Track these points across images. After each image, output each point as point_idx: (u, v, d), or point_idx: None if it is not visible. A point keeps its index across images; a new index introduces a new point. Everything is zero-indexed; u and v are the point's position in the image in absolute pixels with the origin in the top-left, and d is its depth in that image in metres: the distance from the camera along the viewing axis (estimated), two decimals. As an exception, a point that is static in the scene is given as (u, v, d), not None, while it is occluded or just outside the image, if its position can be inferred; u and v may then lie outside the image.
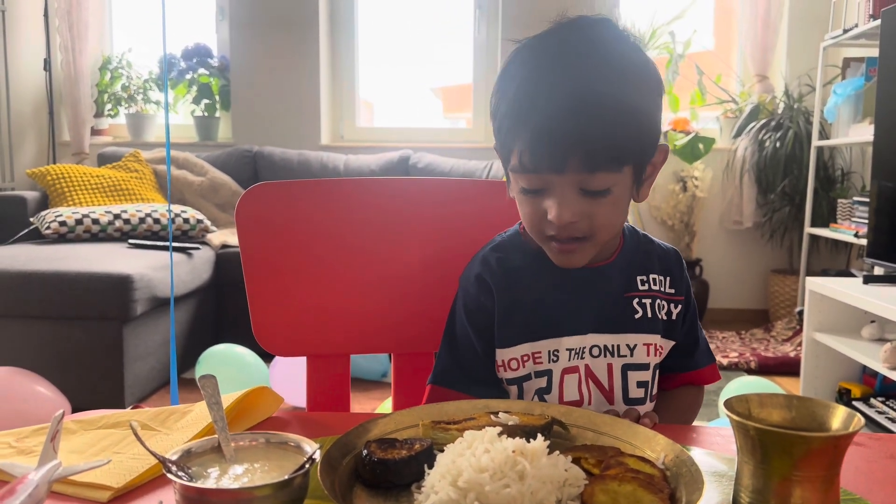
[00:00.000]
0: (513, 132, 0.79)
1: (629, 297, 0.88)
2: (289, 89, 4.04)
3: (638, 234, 0.94)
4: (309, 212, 0.99)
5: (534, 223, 0.83)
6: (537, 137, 0.76)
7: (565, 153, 0.76)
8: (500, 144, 0.83)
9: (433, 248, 1.01)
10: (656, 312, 0.89)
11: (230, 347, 2.57)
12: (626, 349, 0.87)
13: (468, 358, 0.89)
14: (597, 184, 0.77)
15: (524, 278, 0.88)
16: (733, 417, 0.53)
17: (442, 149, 3.93)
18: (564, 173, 0.77)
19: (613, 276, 0.88)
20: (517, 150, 0.79)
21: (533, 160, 0.77)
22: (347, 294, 1.00)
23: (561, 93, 0.75)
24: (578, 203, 0.78)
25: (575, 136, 0.75)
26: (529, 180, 0.80)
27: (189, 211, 3.23)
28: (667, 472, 0.61)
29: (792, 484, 0.51)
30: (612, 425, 0.70)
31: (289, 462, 0.58)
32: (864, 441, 0.74)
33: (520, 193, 0.82)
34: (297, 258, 0.99)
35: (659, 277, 0.90)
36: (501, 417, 0.70)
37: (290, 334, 1.00)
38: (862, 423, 0.52)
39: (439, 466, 0.58)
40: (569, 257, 0.83)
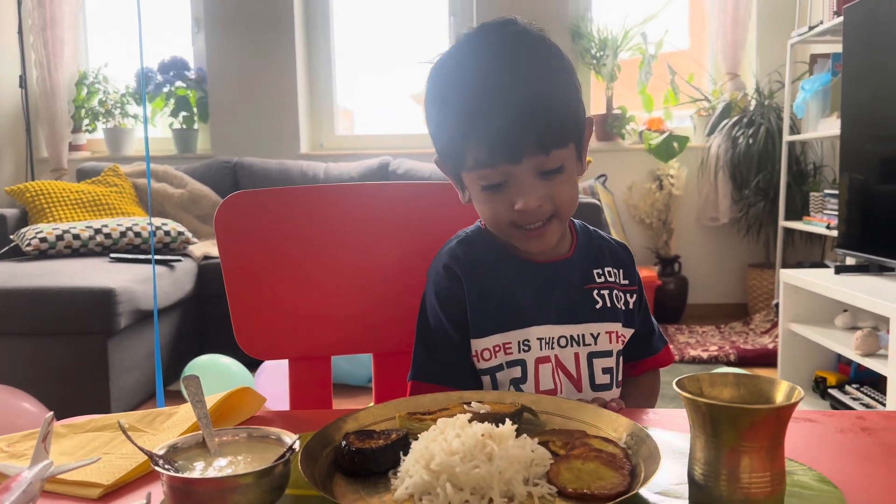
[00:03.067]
0: (466, 134, 0.84)
1: (589, 288, 0.94)
2: (267, 99, 4.06)
3: (589, 230, 1.00)
4: (286, 218, 1.02)
5: (498, 217, 0.87)
6: (494, 133, 0.82)
7: (521, 142, 0.82)
8: (450, 150, 0.88)
9: (409, 250, 1.05)
10: (615, 302, 0.94)
11: (215, 357, 2.58)
12: (590, 338, 0.92)
13: (443, 350, 0.92)
14: (552, 163, 0.84)
15: (491, 271, 0.92)
16: (685, 395, 0.57)
17: (421, 154, 3.97)
18: (521, 162, 0.83)
19: (572, 270, 0.94)
20: (472, 151, 0.84)
21: (491, 155, 0.83)
22: (327, 297, 1.03)
23: (506, 89, 0.82)
24: (539, 187, 0.84)
25: (528, 125, 0.81)
26: (488, 176, 0.85)
27: (170, 223, 3.24)
28: (628, 450, 0.65)
29: (740, 454, 0.55)
30: (578, 410, 0.74)
31: (271, 454, 0.61)
32: (818, 418, 0.78)
33: (480, 192, 0.87)
34: (277, 264, 1.02)
35: (613, 270, 0.96)
36: (474, 406, 0.73)
37: (271, 338, 1.03)
38: (801, 395, 0.56)
39: (413, 452, 0.61)
40: (539, 240, 0.88)
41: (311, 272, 1.02)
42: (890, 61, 2.35)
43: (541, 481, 0.60)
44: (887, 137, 2.37)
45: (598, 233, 1.00)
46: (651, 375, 1.03)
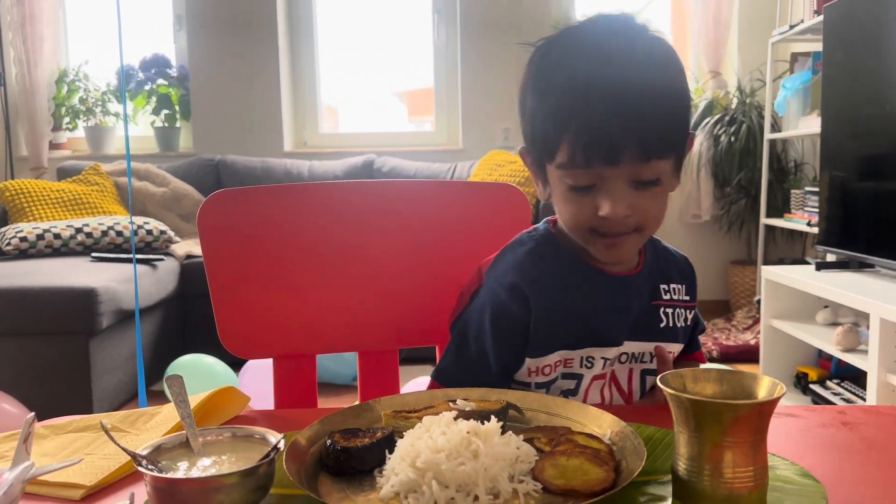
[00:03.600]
0: (563, 128, 0.78)
1: (656, 305, 0.90)
2: (250, 97, 4.04)
3: (654, 241, 0.94)
4: (270, 217, 1.01)
5: (581, 221, 0.82)
6: (593, 131, 0.76)
7: (621, 145, 0.76)
8: (541, 142, 0.81)
9: (396, 248, 1.05)
10: (676, 321, 0.91)
11: (198, 357, 2.57)
12: (648, 356, 0.89)
13: (473, 363, 0.87)
14: (649, 173, 0.78)
15: (560, 284, 0.86)
16: (669, 391, 0.57)
17: (406, 152, 3.96)
18: (618, 166, 0.77)
19: (642, 285, 0.89)
20: (567, 147, 0.78)
21: (587, 155, 0.77)
22: (312, 296, 1.02)
23: (615, 82, 0.76)
24: (630, 196, 0.79)
25: (631, 127, 0.76)
26: (579, 177, 0.79)
27: (152, 222, 3.22)
28: (613, 446, 0.65)
29: (723, 449, 0.56)
30: (563, 407, 0.74)
31: (255, 453, 0.61)
32: (800, 413, 0.79)
33: (566, 192, 0.81)
34: (261, 262, 1.01)
35: (678, 286, 0.92)
36: (459, 404, 0.73)
37: (255, 337, 1.02)
38: (783, 390, 0.56)
39: (399, 450, 0.61)
40: (616, 251, 0.83)
41: (295, 270, 1.02)
42: (869, 60, 2.38)
43: (526, 478, 0.60)
44: (866, 135, 2.40)
45: (663, 244, 0.96)
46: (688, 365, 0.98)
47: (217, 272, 1.00)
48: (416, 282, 1.05)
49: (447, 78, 4.20)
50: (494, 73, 4.01)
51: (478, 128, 4.09)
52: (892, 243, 2.21)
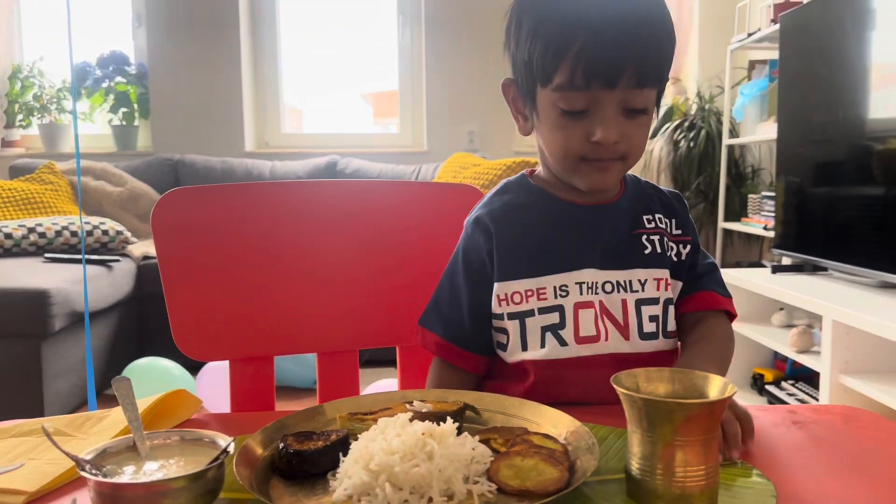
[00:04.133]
0: (565, 47, 0.78)
1: (637, 233, 0.89)
2: (210, 96, 3.98)
3: (640, 180, 0.95)
4: (227, 216, 1.00)
5: (570, 147, 0.82)
6: (597, 51, 0.77)
7: (621, 66, 0.78)
8: (538, 65, 0.81)
9: (356, 248, 1.04)
10: (665, 249, 0.89)
11: (154, 360, 2.52)
12: (637, 284, 0.87)
13: (446, 301, 0.91)
14: (640, 101, 0.80)
15: (529, 216, 0.89)
16: (622, 391, 0.58)
17: (370, 154, 3.95)
18: (615, 88, 0.79)
19: (619, 215, 0.90)
20: (567, 67, 0.79)
21: (587, 75, 0.78)
22: (269, 296, 1.01)
23: (615, 8, 0.78)
24: (621, 123, 0.80)
25: (632, 50, 0.78)
26: (575, 99, 0.80)
27: (108, 222, 3.15)
28: (568, 446, 0.65)
29: (675, 448, 0.56)
30: (520, 407, 0.74)
31: (204, 457, 0.59)
32: (753, 412, 0.80)
33: (558, 118, 0.82)
34: (217, 263, 0.99)
35: (664, 219, 0.92)
36: (415, 406, 0.73)
37: (211, 339, 1.00)
38: (734, 390, 0.57)
39: (352, 452, 0.61)
40: (603, 175, 0.84)
41: (253, 271, 1.00)
42: (822, 68, 2.44)
43: (481, 479, 0.60)
44: (820, 142, 2.46)
45: (650, 183, 0.96)
46: (719, 320, 0.91)
47: (172, 272, 0.98)
48: (376, 282, 1.04)
49: (412, 80, 4.20)
50: (459, 76, 4.02)
51: (443, 130, 4.10)
52: (845, 247, 2.26)
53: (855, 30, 2.23)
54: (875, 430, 0.77)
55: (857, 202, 2.24)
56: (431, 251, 1.05)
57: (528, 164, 3.23)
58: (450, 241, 1.06)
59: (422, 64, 4.12)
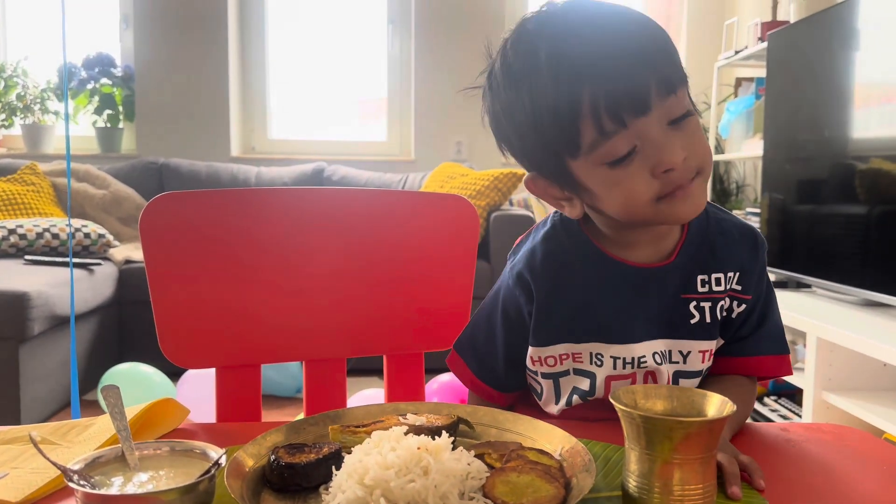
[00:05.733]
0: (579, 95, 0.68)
1: (686, 298, 0.80)
2: (196, 99, 3.96)
3: (709, 217, 0.83)
4: (215, 222, 0.98)
5: (637, 197, 0.72)
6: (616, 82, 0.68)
7: (646, 85, 0.69)
8: (558, 135, 0.71)
9: (344, 257, 1.03)
10: (716, 315, 0.80)
11: (135, 366, 2.48)
12: (678, 355, 0.81)
13: (482, 343, 0.88)
14: (679, 106, 0.71)
15: (574, 276, 0.81)
16: (620, 407, 0.57)
17: (357, 161, 3.94)
18: (650, 111, 0.69)
19: (671, 277, 0.80)
20: (591, 117, 0.69)
21: (613, 115, 0.68)
22: (256, 304, 1.00)
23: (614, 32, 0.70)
24: (676, 137, 0.71)
25: (649, 62, 0.69)
26: (617, 144, 0.70)
27: (90, 225, 3.11)
28: (563, 462, 0.64)
29: (673, 467, 0.56)
30: (513, 422, 0.73)
31: (195, 469, 0.58)
32: (745, 430, 0.80)
33: (607, 176, 0.71)
34: (204, 269, 0.98)
35: (724, 276, 0.80)
36: (409, 419, 0.72)
37: (197, 346, 0.99)
38: (733, 408, 0.57)
39: (346, 466, 0.59)
40: (689, 201, 0.73)
41: (240, 277, 0.99)
42: (809, 87, 2.47)
43: (476, 495, 0.59)
44: (806, 159, 2.48)
45: (723, 220, 0.83)
46: (743, 381, 0.84)
47: (159, 278, 0.96)
48: (364, 290, 1.03)
49: (401, 89, 4.20)
50: (448, 86, 4.02)
51: (430, 140, 4.10)
52: (829, 265, 2.29)
53: (841, 50, 2.26)
54: (866, 449, 0.77)
55: (841, 220, 2.26)
56: (419, 260, 1.05)
57: (516, 176, 3.24)
58: (439, 251, 1.06)
59: (411, 72, 4.12)
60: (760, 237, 0.84)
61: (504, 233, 3.16)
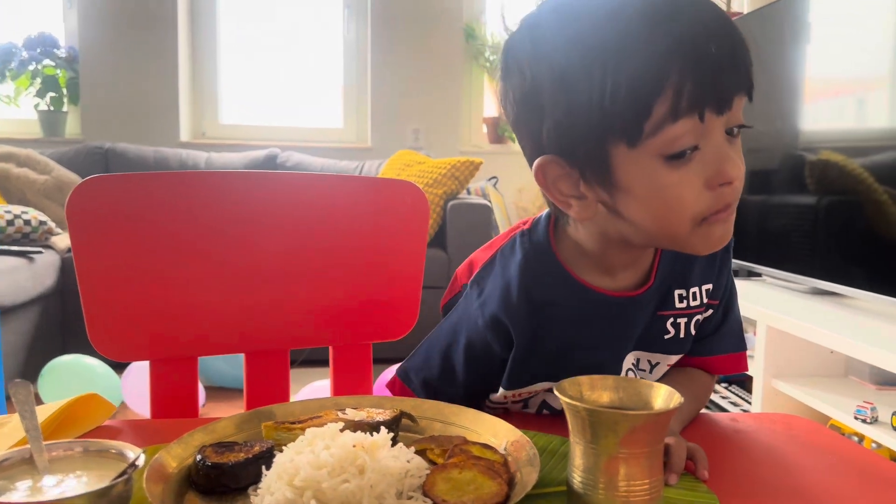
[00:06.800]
0: (664, 76, 0.58)
1: (663, 315, 0.76)
2: (144, 82, 3.83)
3: None
4: (150, 206, 0.93)
5: (682, 206, 0.62)
6: (703, 66, 0.58)
7: (735, 80, 0.60)
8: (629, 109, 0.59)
9: (287, 243, 0.98)
10: (690, 330, 0.77)
11: (78, 358, 2.39)
12: (646, 364, 0.79)
13: (436, 373, 0.81)
14: (740, 115, 0.63)
15: (555, 314, 0.73)
16: (565, 399, 0.55)
17: (312, 148, 3.87)
18: (732, 109, 0.61)
19: (648, 302, 0.74)
20: (670, 95, 0.58)
21: (696, 99, 0.58)
22: (193, 293, 0.95)
23: (714, 17, 0.60)
24: (732, 150, 0.63)
25: (739, 56, 0.60)
26: (684, 136, 0.59)
27: (31, 212, 2.99)
28: (508, 457, 0.62)
29: (618, 461, 0.53)
30: (458, 414, 0.71)
31: (111, 471, 0.54)
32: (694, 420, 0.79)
33: (662, 170, 0.61)
34: (138, 256, 0.93)
35: (700, 290, 0.77)
36: (349, 414, 0.68)
37: (130, 337, 0.93)
38: (680, 400, 0.55)
39: (276, 466, 0.56)
40: (728, 228, 0.66)
41: (176, 265, 0.94)
42: (761, 78, 2.48)
43: (416, 494, 0.56)
44: (757, 150, 2.51)
45: None
46: (703, 377, 0.83)
47: (88, 266, 0.91)
48: (308, 279, 0.99)
49: (357, 75, 4.13)
50: (406, 72, 3.97)
51: (387, 127, 4.04)
52: (778, 253, 2.31)
53: (793, 42, 2.28)
54: (815, 439, 0.76)
55: (791, 210, 2.29)
56: (367, 248, 1.01)
57: (474, 164, 3.21)
58: (387, 239, 1.02)
59: (367, 59, 4.05)
60: None
61: (461, 221, 3.13)
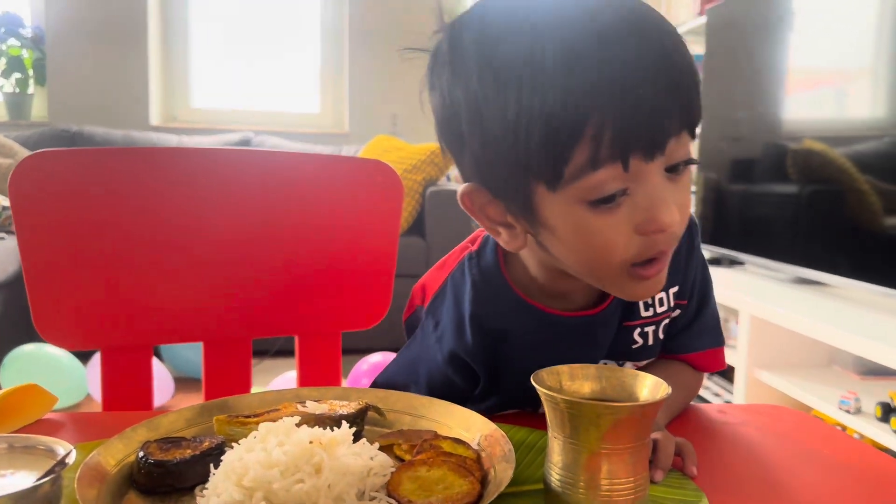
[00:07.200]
0: (582, 121, 0.52)
1: (629, 326, 0.72)
2: (113, 63, 3.72)
3: None
4: (98, 184, 0.87)
5: (610, 252, 0.57)
6: (634, 111, 0.52)
7: (668, 123, 0.54)
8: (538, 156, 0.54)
9: (250, 225, 0.93)
10: (658, 336, 0.73)
11: (41, 347, 2.32)
12: None
13: None
14: (685, 150, 0.56)
15: (516, 344, 0.69)
16: (543, 391, 0.50)
17: (287, 133, 3.79)
18: (665, 150, 0.55)
19: (608, 318, 0.70)
20: (588, 142, 0.52)
21: (620, 145, 0.52)
22: (147, 277, 0.89)
23: (647, 48, 0.53)
24: (671, 191, 0.56)
25: (679, 97, 0.54)
26: (608, 181, 0.54)
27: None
28: (482, 452, 0.57)
29: (600, 458, 0.49)
30: (429, 407, 0.66)
31: (39, 469, 0.48)
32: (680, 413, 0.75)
33: (584, 216, 0.56)
34: (86, 237, 0.86)
35: (668, 293, 0.72)
36: (309, 407, 0.63)
37: (79, 325, 0.87)
38: (668, 390, 0.50)
39: (224, 465, 0.51)
40: (658, 279, 0.60)
41: (127, 248, 0.88)
42: (747, 64, 2.45)
43: (379, 494, 0.51)
44: (740, 138, 2.48)
45: None
46: (688, 371, 0.78)
47: (32, 247, 0.84)
48: (272, 263, 0.93)
49: (335, 58, 4.04)
50: (385, 55, 3.89)
51: (365, 112, 3.97)
52: (760, 241, 2.29)
53: (778, 28, 2.25)
54: (805, 430, 0.73)
55: (774, 198, 2.26)
56: (338, 231, 0.96)
57: (451, 150, 3.15)
58: (357, 222, 0.97)
59: (345, 42, 3.97)
60: (693, 222, 0.71)
61: (440, 209, 3.07)
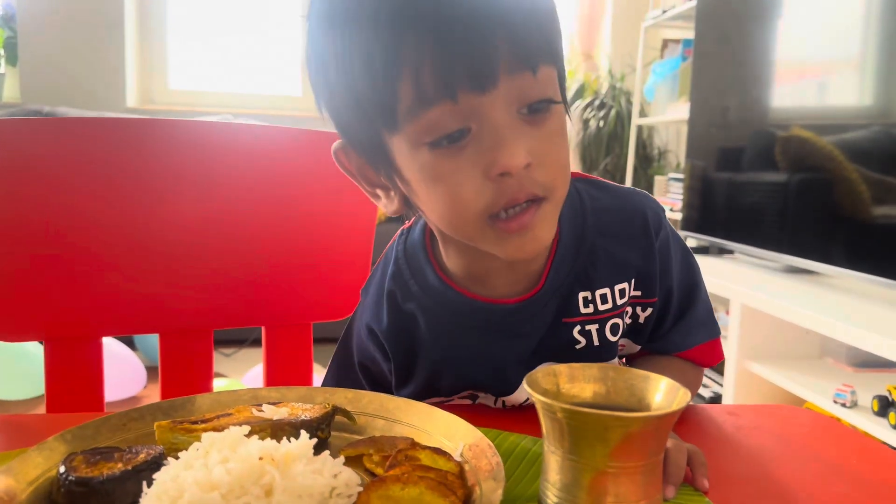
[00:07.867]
0: (401, 51, 0.50)
1: (568, 322, 0.65)
2: (88, 42, 3.59)
3: (585, 212, 0.65)
4: (40, 158, 0.78)
5: (465, 202, 0.53)
6: (452, 35, 0.49)
7: (496, 49, 0.50)
8: (372, 100, 0.52)
9: (209, 204, 0.84)
10: (606, 337, 0.66)
11: (6, 335, 2.21)
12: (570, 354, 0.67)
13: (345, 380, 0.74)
14: (539, 89, 0.52)
15: (429, 327, 0.65)
16: (538, 397, 0.42)
17: (268, 116, 3.68)
18: (498, 85, 0.51)
19: (545, 304, 0.64)
20: (412, 77, 0.50)
21: (448, 74, 0.50)
22: (96, 262, 0.80)
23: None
24: (524, 134, 0.52)
25: (506, 22, 0.50)
26: (442, 119, 0.51)
27: (-41, 178, 2.77)
28: (465, 465, 0.49)
29: (607, 478, 0.41)
30: (406, 410, 0.58)
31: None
32: (686, 414, 0.67)
33: (428, 162, 0.53)
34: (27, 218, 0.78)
35: (612, 291, 0.65)
36: (266, 411, 0.55)
37: (18, 313, 0.79)
38: (687, 397, 0.42)
39: (157, 485, 0.42)
40: (531, 235, 0.55)
41: (73, 229, 0.79)
42: (737, 50, 2.39)
43: (343, 518, 0.43)
44: (729, 125, 2.42)
45: (602, 210, 0.66)
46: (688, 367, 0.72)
47: (-36, 229, 0.75)
48: (236, 247, 0.85)
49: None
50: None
51: (347, 96, 3.86)
52: (750, 229, 2.23)
53: (769, 14, 2.19)
54: (825, 434, 0.65)
55: (764, 186, 2.20)
56: (308, 213, 0.88)
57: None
58: (326, 201, 0.88)
59: (327, 23, 3.86)
60: (651, 213, 0.66)
61: (423, 194, 2.99)
